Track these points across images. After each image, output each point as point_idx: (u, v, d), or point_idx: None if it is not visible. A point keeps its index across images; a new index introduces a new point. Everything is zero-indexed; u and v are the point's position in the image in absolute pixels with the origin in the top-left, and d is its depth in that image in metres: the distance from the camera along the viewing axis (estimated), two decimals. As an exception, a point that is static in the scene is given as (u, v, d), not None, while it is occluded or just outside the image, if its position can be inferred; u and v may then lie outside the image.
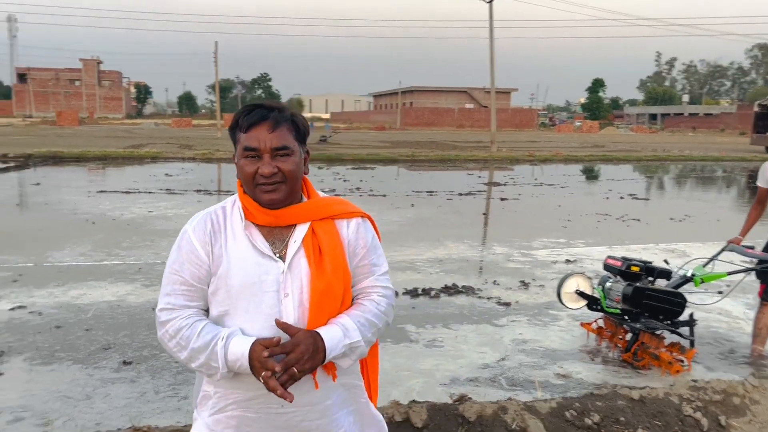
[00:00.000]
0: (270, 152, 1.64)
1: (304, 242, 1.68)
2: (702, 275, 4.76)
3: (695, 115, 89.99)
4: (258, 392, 1.63)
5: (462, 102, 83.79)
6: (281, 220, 1.69)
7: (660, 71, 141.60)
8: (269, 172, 1.63)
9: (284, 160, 1.66)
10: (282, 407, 1.65)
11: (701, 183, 20.22)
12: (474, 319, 5.48)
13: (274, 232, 1.69)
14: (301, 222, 1.70)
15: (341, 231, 1.74)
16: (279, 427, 1.68)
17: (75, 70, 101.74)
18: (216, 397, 1.69)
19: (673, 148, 35.93)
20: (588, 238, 9.36)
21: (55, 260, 7.28)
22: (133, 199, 12.44)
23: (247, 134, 1.66)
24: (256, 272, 1.64)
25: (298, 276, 1.65)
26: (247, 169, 1.66)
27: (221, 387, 1.67)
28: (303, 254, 1.67)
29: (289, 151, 1.67)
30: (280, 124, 1.66)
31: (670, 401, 3.74)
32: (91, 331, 4.96)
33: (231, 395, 1.67)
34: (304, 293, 1.65)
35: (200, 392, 1.75)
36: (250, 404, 1.66)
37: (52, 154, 22.61)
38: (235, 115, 1.73)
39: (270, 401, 1.64)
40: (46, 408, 3.70)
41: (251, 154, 1.65)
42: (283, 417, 1.67)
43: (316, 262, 1.66)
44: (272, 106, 1.70)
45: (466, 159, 25.95)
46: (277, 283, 1.64)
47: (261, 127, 1.65)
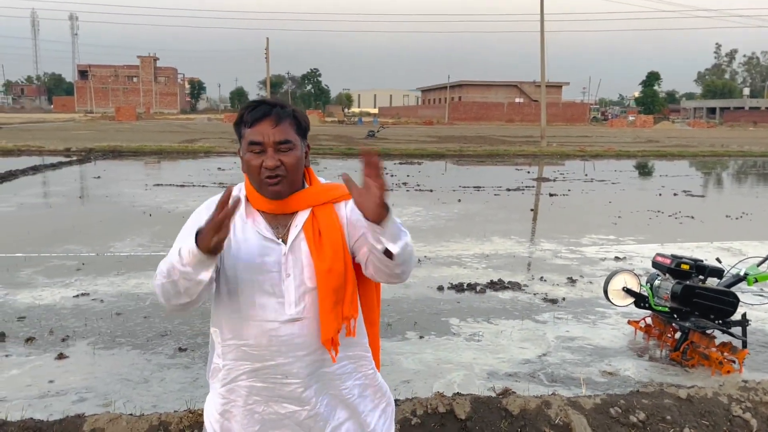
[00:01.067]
0: (273, 146, 1.75)
1: (305, 226, 1.80)
2: (756, 274, 4.65)
3: (756, 108, 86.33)
4: (264, 363, 1.77)
5: (512, 96, 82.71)
6: (283, 208, 1.80)
7: (719, 63, 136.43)
8: (273, 164, 1.74)
9: (287, 153, 1.76)
10: (286, 378, 1.78)
11: (761, 180, 19.47)
12: (516, 314, 5.49)
13: (278, 218, 1.81)
14: (302, 208, 1.82)
15: (339, 212, 1.84)
16: (284, 396, 1.80)
17: (133, 67, 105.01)
18: (225, 369, 1.82)
19: (731, 143, 34.62)
20: (638, 235, 9.18)
21: (116, 250, 7.62)
22: (188, 193, 12.84)
23: (252, 129, 1.77)
24: (258, 254, 1.76)
25: (299, 258, 1.77)
26: (252, 163, 1.77)
27: (230, 359, 1.81)
28: (303, 238, 1.79)
29: (291, 144, 1.77)
30: (282, 120, 1.77)
31: (719, 401, 3.69)
32: (149, 319, 5.19)
33: (240, 367, 1.80)
34: (305, 274, 1.77)
35: (212, 365, 1.89)
36: (257, 374, 1.79)
37: (111, 149, 23.47)
38: (239, 112, 1.84)
39: (275, 372, 1.78)
40: (108, 390, 3.92)
41: (256, 148, 1.76)
42: (287, 387, 1.79)
43: (316, 244, 1.77)
44: (275, 103, 1.81)
45: (514, 154, 25.67)
46: (278, 264, 1.76)
47: (265, 123, 1.76)
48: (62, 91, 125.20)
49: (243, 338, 1.78)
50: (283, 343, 1.76)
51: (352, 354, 1.89)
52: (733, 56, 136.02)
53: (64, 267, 6.77)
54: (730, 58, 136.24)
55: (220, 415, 1.87)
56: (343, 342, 1.83)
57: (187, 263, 1.58)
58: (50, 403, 3.74)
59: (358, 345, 1.92)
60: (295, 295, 1.77)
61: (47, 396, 3.82)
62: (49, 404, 3.72)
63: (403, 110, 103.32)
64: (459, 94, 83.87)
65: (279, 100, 1.83)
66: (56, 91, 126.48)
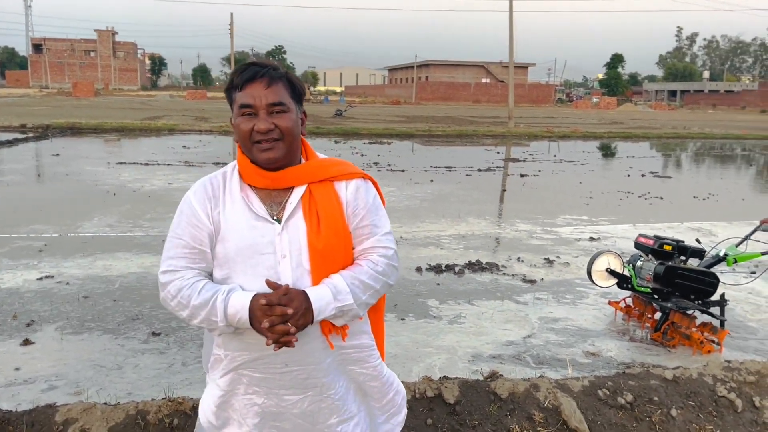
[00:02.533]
0: (266, 108, 1.63)
1: (302, 204, 1.68)
2: (735, 255, 4.68)
3: (716, 92, 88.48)
4: (262, 353, 1.66)
5: (478, 77, 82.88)
6: (278, 183, 1.68)
7: (680, 47, 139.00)
8: (265, 128, 1.62)
9: (280, 116, 1.65)
10: (286, 366, 1.68)
11: (723, 161, 19.91)
12: (498, 295, 5.44)
13: (272, 195, 1.69)
14: (298, 184, 1.70)
15: (340, 192, 1.73)
16: (284, 385, 1.71)
17: (90, 41, 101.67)
18: (227, 359, 1.72)
19: (693, 126, 35.37)
20: (611, 215, 9.25)
21: (80, 231, 7.32)
22: (153, 171, 12.47)
23: (243, 92, 1.65)
24: (251, 235, 1.64)
25: (296, 237, 1.66)
26: (243, 127, 1.65)
27: (230, 350, 1.70)
28: (300, 216, 1.67)
29: (285, 107, 1.66)
30: (275, 81, 1.65)
31: (704, 381, 3.70)
32: (119, 302, 4.98)
33: (239, 357, 1.70)
34: (302, 254, 1.65)
35: (211, 356, 1.78)
36: (256, 364, 1.69)
37: (69, 125, 22.70)
38: (230, 76, 1.72)
39: (275, 361, 1.67)
40: (79, 377, 3.73)
41: (247, 111, 1.64)
42: (287, 375, 1.70)
43: (313, 223, 1.66)
44: (266, 64, 1.68)
45: (483, 134, 25.73)
46: (272, 245, 1.65)
47: (256, 84, 1.64)
48: (15, 65, 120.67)
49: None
50: None
51: (356, 343, 1.78)
52: (693, 40, 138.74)
53: (27, 248, 6.47)
54: (690, 41, 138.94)
55: (217, 407, 1.76)
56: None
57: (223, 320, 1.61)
58: (17, 391, 3.54)
59: (362, 333, 1.80)
60: (292, 278, 1.64)
61: (14, 384, 3.62)
62: (17, 393, 3.52)
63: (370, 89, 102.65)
64: (426, 73, 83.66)
65: (271, 62, 1.70)
66: (9, 65, 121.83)
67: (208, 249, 1.68)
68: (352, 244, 1.73)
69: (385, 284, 1.74)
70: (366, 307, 1.72)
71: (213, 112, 35.83)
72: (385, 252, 1.76)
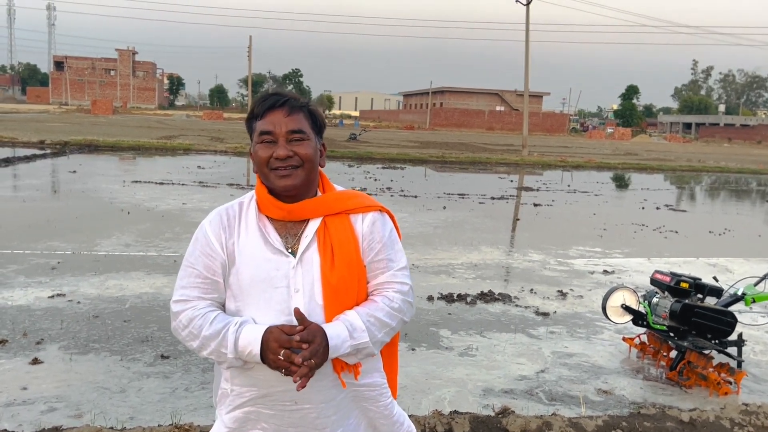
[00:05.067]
0: (285, 136, 1.63)
1: (317, 237, 1.66)
2: (753, 294, 4.59)
3: (731, 125, 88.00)
4: (272, 389, 1.63)
5: (493, 104, 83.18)
6: (294, 215, 1.67)
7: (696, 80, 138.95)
8: (284, 154, 1.62)
9: (300, 144, 1.64)
10: (296, 404, 1.64)
11: (739, 196, 19.73)
12: (511, 327, 5.37)
13: (288, 227, 1.68)
14: (314, 217, 1.68)
15: (355, 225, 1.71)
16: (294, 423, 1.67)
17: (110, 60, 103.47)
18: (233, 394, 1.69)
19: (708, 159, 35.18)
20: (625, 248, 9.16)
21: (93, 249, 7.34)
22: (167, 191, 12.54)
23: (263, 120, 1.66)
24: (265, 268, 1.62)
25: (310, 271, 1.64)
26: (261, 154, 1.64)
27: (237, 384, 1.67)
28: (315, 249, 1.65)
29: (305, 135, 1.66)
30: (295, 110, 1.66)
31: (721, 425, 3.60)
32: (129, 323, 4.96)
33: (247, 392, 1.66)
34: (315, 288, 1.63)
35: (219, 390, 1.75)
36: (265, 401, 1.66)
37: (87, 143, 22.98)
38: (251, 105, 1.73)
39: (284, 398, 1.64)
40: (82, 399, 3.70)
41: (267, 138, 1.64)
42: (297, 413, 1.66)
43: (328, 257, 1.64)
44: (287, 95, 1.70)
45: (497, 162, 25.71)
46: (287, 278, 1.62)
47: (277, 112, 1.65)
48: (37, 81, 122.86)
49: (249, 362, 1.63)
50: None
51: (368, 381, 1.74)
52: (709, 73, 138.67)
53: (39, 265, 6.49)
54: (706, 74, 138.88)
55: None
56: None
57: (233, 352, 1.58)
58: (18, 412, 3.50)
59: (374, 371, 1.76)
60: (304, 312, 1.60)
61: (14, 404, 3.58)
62: (17, 413, 3.49)
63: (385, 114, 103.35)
64: (440, 100, 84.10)
65: (292, 93, 1.72)
66: (30, 81, 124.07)
67: (221, 279, 1.66)
68: (367, 278, 1.70)
69: (400, 321, 1.71)
70: (381, 345, 1.69)
71: (229, 132, 36.16)
72: (401, 288, 1.72)
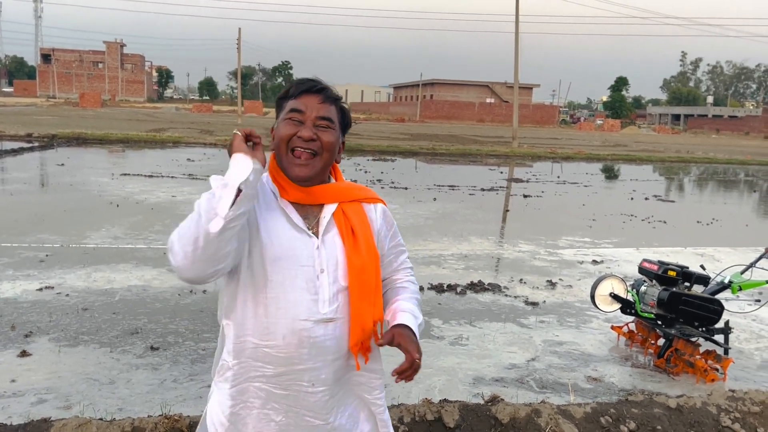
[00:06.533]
0: (314, 120, 1.65)
1: (336, 221, 1.68)
2: (740, 282, 4.64)
3: (719, 117, 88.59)
4: (291, 368, 1.60)
5: (483, 96, 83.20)
6: (312, 198, 1.68)
7: (684, 71, 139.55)
8: (308, 135, 1.62)
9: (325, 131, 1.66)
10: (313, 385, 1.62)
11: (727, 186, 19.89)
12: (501, 317, 5.40)
13: (306, 209, 1.68)
14: (330, 202, 1.70)
15: (369, 214, 1.76)
16: (308, 406, 1.64)
17: (98, 53, 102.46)
18: (237, 368, 1.63)
19: (696, 150, 35.40)
20: (614, 238, 9.21)
21: (82, 242, 7.30)
22: (157, 183, 12.48)
23: (296, 100, 1.67)
24: (290, 246, 1.62)
25: (333, 253, 1.65)
26: (285, 131, 1.65)
27: (245, 358, 1.62)
28: (336, 232, 1.67)
29: (332, 125, 1.67)
30: (329, 100, 1.68)
31: (708, 411, 3.64)
32: (118, 315, 4.95)
33: (258, 369, 1.62)
34: (339, 270, 1.65)
35: (221, 361, 1.69)
36: (279, 380, 1.62)
37: (75, 136, 22.79)
38: (287, 86, 1.73)
39: (302, 377, 1.61)
40: (71, 390, 3.69)
41: (296, 116, 1.65)
42: (312, 396, 1.63)
43: (349, 240, 1.67)
44: (326, 84, 1.72)
45: (487, 154, 25.76)
46: (312, 258, 1.62)
47: (312, 97, 1.67)
48: (23, 74, 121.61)
49: (268, 338, 1.60)
50: (314, 345, 1.60)
51: (372, 366, 1.74)
52: (697, 65, 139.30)
53: (28, 258, 6.45)
54: (694, 66, 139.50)
55: (227, 418, 1.66)
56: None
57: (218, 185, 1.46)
58: (8, 404, 3.49)
59: (378, 356, 1.76)
60: (329, 293, 1.62)
61: (4, 396, 3.57)
62: (7, 405, 3.47)
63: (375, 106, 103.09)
64: (431, 92, 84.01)
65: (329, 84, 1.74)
66: (17, 74, 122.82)
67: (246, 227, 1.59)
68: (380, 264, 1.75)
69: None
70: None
71: (218, 125, 35.99)
72: (411, 271, 1.90)
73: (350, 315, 1.64)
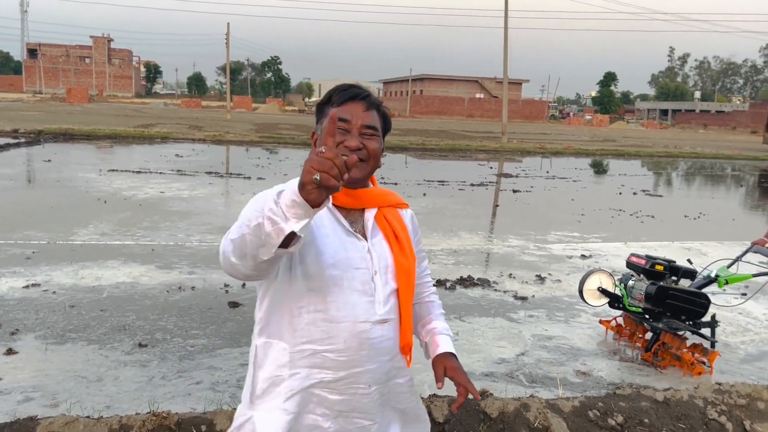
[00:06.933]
0: (360, 128, 1.66)
1: (380, 225, 1.72)
2: (726, 276, 4.67)
3: (707, 112, 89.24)
4: (350, 371, 1.61)
5: (472, 91, 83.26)
6: (358, 202, 1.71)
7: (672, 67, 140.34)
8: (356, 145, 1.63)
9: (370, 139, 1.68)
10: (368, 387, 1.64)
11: (714, 181, 20.04)
12: (491, 312, 5.41)
13: (350, 214, 1.71)
14: (372, 206, 1.74)
15: (404, 219, 1.82)
16: (359, 408, 1.65)
17: (85, 47, 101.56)
18: (296, 378, 1.60)
19: (684, 145, 35.63)
20: (602, 233, 9.26)
21: (69, 238, 7.24)
22: (145, 179, 12.40)
23: (341, 108, 1.67)
24: (344, 248, 1.63)
25: (383, 256, 1.69)
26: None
27: (304, 366, 1.59)
28: (382, 236, 1.71)
29: (376, 132, 1.70)
30: (372, 107, 1.70)
31: (695, 404, 3.67)
32: (106, 312, 4.91)
33: (316, 375, 1.60)
34: (389, 273, 1.69)
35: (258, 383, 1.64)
36: (337, 385, 1.61)
37: (62, 131, 22.59)
38: (328, 92, 1.74)
39: (360, 380, 1.62)
40: (58, 388, 3.66)
41: (342, 125, 1.65)
42: (365, 398, 1.64)
43: (395, 243, 1.71)
44: (367, 91, 1.73)
45: (476, 149, 25.80)
46: (365, 260, 1.65)
47: (356, 104, 1.67)
48: (9, 69, 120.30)
49: (328, 342, 1.59)
50: (372, 346, 1.62)
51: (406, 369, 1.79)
52: (685, 60, 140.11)
53: (14, 255, 6.38)
54: (682, 61, 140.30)
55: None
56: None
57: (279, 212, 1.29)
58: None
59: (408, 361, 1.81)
60: (383, 294, 1.66)
61: (-9, 395, 3.54)
62: (-6, 404, 3.44)
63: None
64: (420, 87, 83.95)
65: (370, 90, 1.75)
66: (3, 69, 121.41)
67: None
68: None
69: None
70: None
71: (207, 120, 35.78)
72: (431, 280, 2.05)
73: (400, 315, 1.69)
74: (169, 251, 6.87)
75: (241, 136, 25.10)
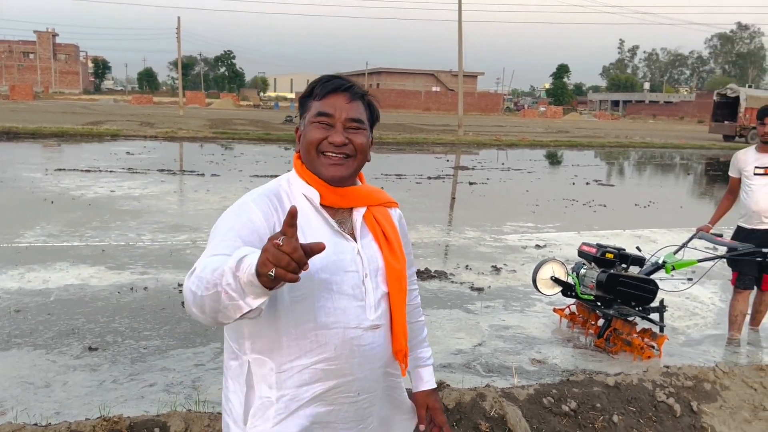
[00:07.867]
0: (344, 122, 1.56)
1: (369, 225, 1.62)
2: (673, 262, 4.81)
3: (656, 102, 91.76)
4: (341, 380, 1.52)
5: (429, 85, 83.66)
6: (347, 200, 1.60)
7: (622, 59, 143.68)
8: (340, 141, 1.54)
9: (356, 133, 1.57)
10: (358, 395, 1.56)
11: (663, 170, 20.64)
12: (448, 304, 5.46)
13: (338, 213, 1.61)
14: (361, 205, 1.63)
15: (393, 218, 1.71)
16: (347, 418, 1.58)
17: (29, 43, 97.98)
18: (283, 400, 1.51)
19: (634, 135, 36.59)
20: (556, 222, 9.44)
21: (13, 241, 6.99)
22: (94, 178, 12.06)
23: (323, 101, 1.57)
24: (333, 250, 1.52)
25: (374, 258, 1.59)
26: (314, 135, 1.55)
27: (292, 387, 1.51)
28: (372, 237, 1.61)
29: (362, 125, 1.59)
30: (356, 98, 1.59)
31: (644, 387, 3.78)
32: (53, 316, 4.76)
33: (308, 391, 1.51)
34: (379, 276, 1.59)
35: (253, 402, 1.54)
36: (327, 395, 1.53)
37: (5, 130, 21.78)
38: (309, 84, 1.64)
39: (351, 389, 1.54)
40: (4, 395, 3.54)
41: (324, 120, 1.55)
42: (354, 406, 1.57)
43: (385, 244, 1.61)
44: (350, 81, 1.63)
45: (433, 142, 25.95)
46: (354, 263, 1.55)
47: (338, 96, 1.57)
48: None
49: (318, 352, 1.50)
50: (363, 353, 1.53)
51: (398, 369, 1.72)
52: (635, 52, 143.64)
53: (-47, 259, 6.13)
54: (632, 53, 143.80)
55: None
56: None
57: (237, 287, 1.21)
58: (-67, 413, 3.32)
59: None
60: (374, 298, 1.57)
61: (-71, 405, 3.39)
62: (-68, 415, 3.30)
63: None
64: (377, 81, 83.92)
65: (353, 81, 1.64)
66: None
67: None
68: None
69: None
70: None
71: (159, 117, 35.01)
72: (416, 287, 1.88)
73: (392, 321, 1.60)
74: (120, 251, 6.70)
75: (195, 133, 24.65)
